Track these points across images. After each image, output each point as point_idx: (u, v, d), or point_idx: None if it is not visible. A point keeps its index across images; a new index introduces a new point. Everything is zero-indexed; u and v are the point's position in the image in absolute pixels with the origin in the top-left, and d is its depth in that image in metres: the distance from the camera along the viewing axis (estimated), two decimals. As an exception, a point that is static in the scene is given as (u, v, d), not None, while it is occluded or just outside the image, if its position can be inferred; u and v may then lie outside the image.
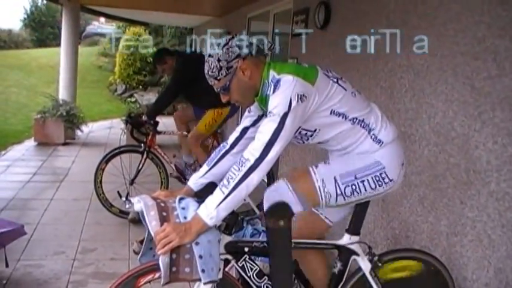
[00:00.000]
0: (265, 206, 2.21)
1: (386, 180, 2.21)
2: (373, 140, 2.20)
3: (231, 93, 2.18)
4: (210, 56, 2.14)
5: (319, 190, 2.18)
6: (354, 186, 2.19)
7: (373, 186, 2.20)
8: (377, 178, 2.19)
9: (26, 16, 29.02)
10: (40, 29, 28.32)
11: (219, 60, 2.10)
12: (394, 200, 3.35)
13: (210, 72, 2.15)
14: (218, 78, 2.13)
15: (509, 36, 2.43)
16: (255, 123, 2.30)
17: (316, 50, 4.83)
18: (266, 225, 2.24)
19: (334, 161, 2.27)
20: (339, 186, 2.18)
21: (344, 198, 2.21)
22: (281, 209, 2.18)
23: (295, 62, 5.06)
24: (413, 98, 3.20)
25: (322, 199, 2.20)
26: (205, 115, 5.08)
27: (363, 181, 2.19)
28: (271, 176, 5.16)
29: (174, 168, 5.07)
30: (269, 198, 2.22)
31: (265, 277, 2.27)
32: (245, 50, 2.13)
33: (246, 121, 2.37)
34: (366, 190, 2.21)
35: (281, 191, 2.21)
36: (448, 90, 2.88)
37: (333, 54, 4.45)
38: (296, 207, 2.19)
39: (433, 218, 2.98)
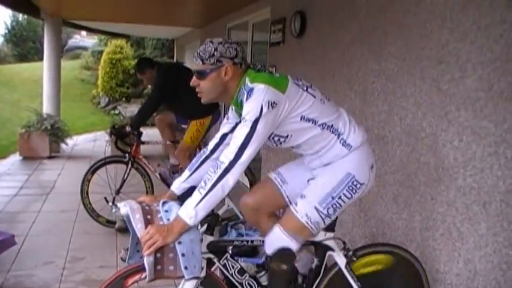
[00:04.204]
0: (269, 251, 2.37)
1: (358, 186, 2.35)
2: (343, 144, 2.35)
3: (204, 81, 2.28)
4: (211, 41, 2.26)
5: (308, 224, 2.32)
6: (334, 205, 2.33)
7: (349, 196, 2.35)
8: (351, 188, 2.34)
9: (7, 31, 28.94)
10: (22, 44, 28.25)
11: (216, 49, 2.22)
12: (370, 199, 3.49)
13: (201, 53, 2.25)
14: (204, 61, 2.24)
15: (470, 40, 2.59)
16: (233, 130, 2.40)
17: (293, 57, 4.97)
18: (269, 267, 2.39)
19: (308, 192, 2.39)
20: (321, 212, 2.32)
21: (330, 217, 2.36)
22: (286, 254, 2.33)
23: (274, 69, 5.20)
24: (385, 101, 3.34)
25: (313, 229, 2.34)
26: (189, 127, 5.19)
27: (339, 197, 2.33)
28: (253, 182, 5.30)
29: (158, 176, 5.17)
30: (270, 245, 2.36)
31: (246, 274, 2.39)
32: (239, 59, 2.27)
33: (224, 128, 2.50)
34: (344, 202, 2.36)
35: (278, 237, 2.35)
36: (416, 92, 3.03)
37: (310, 60, 4.59)
38: (293, 247, 2.34)
39: (407, 215, 3.12)
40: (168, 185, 5.16)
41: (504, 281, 2.42)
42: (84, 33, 23.85)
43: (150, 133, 7.66)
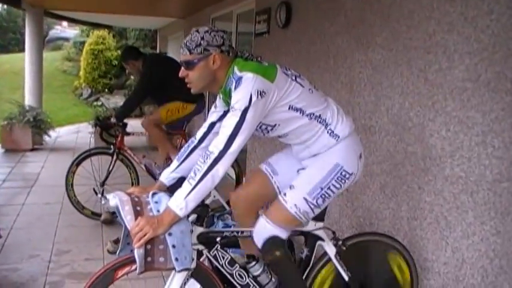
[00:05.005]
0: (259, 246, 2.35)
1: (347, 175, 2.36)
2: (330, 134, 2.35)
3: (192, 71, 2.27)
4: (197, 31, 2.24)
5: (296, 214, 2.32)
6: (323, 196, 2.34)
7: (338, 186, 2.35)
8: (339, 178, 2.34)
9: (-14, 22, 28.55)
10: (2, 35, 27.86)
11: (202, 38, 2.21)
12: (357, 189, 3.51)
13: (187, 43, 2.24)
14: (191, 51, 2.23)
15: (457, 31, 2.60)
16: (221, 118, 2.40)
17: (279, 48, 4.97)
18: (267, 262, 2.39)
19: (297, 183, 2.39)
20: (311, 203, 2.32)
21: (319, 207, 2.37)
22: (273, 242, 2.32)
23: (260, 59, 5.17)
24: (372, 92, 3.35)
25: (302, 219, 2.35)
26: (171, 103, 5.11)
27: (328, 187, 2.33)
28: (239, 174, 5.29)
29: (144, 168, 5.14)
30: (258, 238, 2.35)
31: (237, 265, 2.39)
32: (226, 47, 2.26)
33: (212, 116, 2.49)
34: (333, 192, 2.36)
35: (264, 228, 2.34)
36: (403, 82, 3.04)
37: (295, 51, 4.59)
38: (281, 235, 2.33)
39: (394, 204, 3.14)
40: (154, 176, 5.15)
41: (491, 268, 2.45)
42: (65, 23, 23.57)
43: (135, 125, 7.61)
